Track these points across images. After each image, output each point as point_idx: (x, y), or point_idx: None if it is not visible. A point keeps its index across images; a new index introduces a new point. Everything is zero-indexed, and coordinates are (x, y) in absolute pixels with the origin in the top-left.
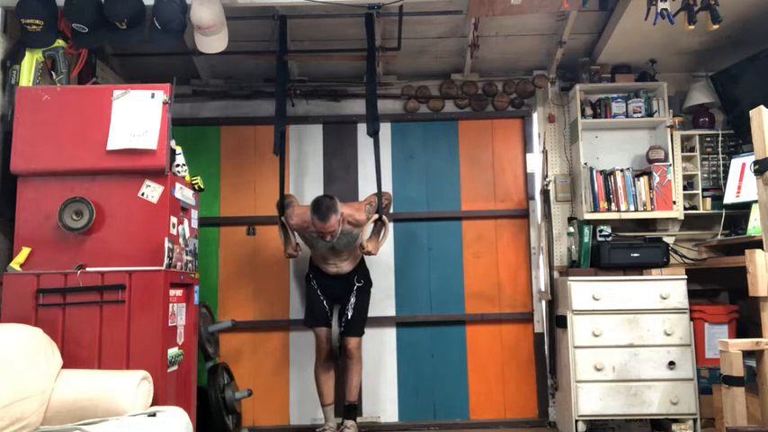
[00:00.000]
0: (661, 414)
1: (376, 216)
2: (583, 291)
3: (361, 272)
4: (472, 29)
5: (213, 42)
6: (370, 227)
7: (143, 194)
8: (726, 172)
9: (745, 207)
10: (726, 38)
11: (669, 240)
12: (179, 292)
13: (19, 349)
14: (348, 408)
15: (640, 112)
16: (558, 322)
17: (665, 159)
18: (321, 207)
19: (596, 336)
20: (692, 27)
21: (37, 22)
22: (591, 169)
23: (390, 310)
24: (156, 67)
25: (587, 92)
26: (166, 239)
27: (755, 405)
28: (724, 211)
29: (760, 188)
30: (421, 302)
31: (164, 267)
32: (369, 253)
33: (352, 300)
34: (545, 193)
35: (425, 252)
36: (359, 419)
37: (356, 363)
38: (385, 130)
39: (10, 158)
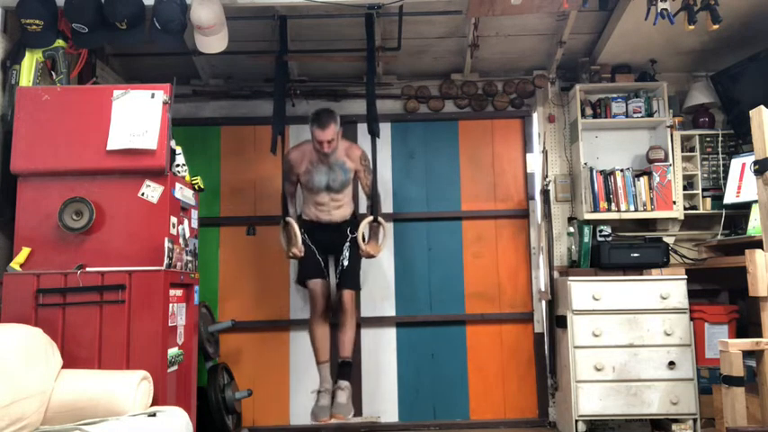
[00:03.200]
0: (661, 414)
1: (371, 218)
2: (583, 291)
3: (354, 223)
4: (472, 29)
5: (213, 42)
6: (366, 230)
7: (143, 194)
8: (726, 172)
9: (745, 207)
10: (726, 38)
11: (669, 240)
12: (179, 292)
13: (19, 349)
14: (342, 365)
15: (640, 112)
16: (558, 322)
17: (665, 159)
18: (321, 115)
19: (596, 336)
20: (692, 27)
21: (37, 22)
22: (591, 169)
23: (390, 310)
24: (156, 67)
25: (587, 92)
26: (166, 239)
27: (755, 405)
28: (724, 211)
29: (760, 188)
30: (421, 302)
31: (164, 267)
32: (369, 255)
33: (346, 252)
34: (545, 193)
35: (425, 252)
36: (359, 419)
37: (350, 317)
38: (385, 130)
39: (10, 158)
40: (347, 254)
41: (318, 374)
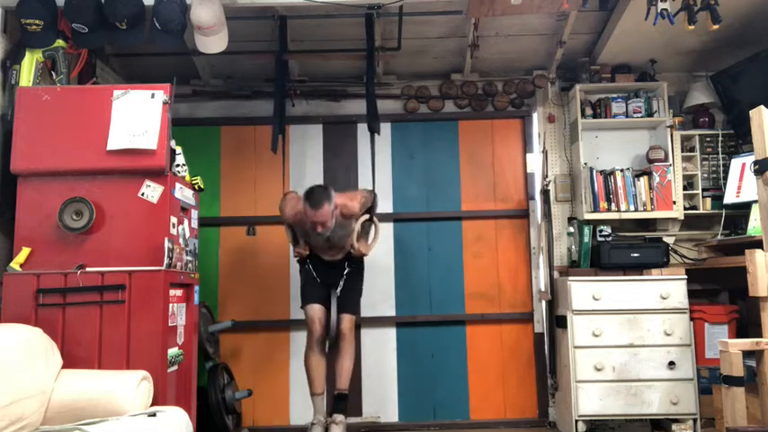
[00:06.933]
0: (661, 414)
1: (366, 217)
2: (583, 291)
3: (353, 258)
4: (472, 29)
5: (213, 42)
6: (358, 230)
7: (143, 194)
8: (726, 172)
9: (745, 207)
10: (726, 38)
11: (669, 240)
12: (179, 292)
13: (19, 349)
14: (338, 398)
15: (640, 112)
16: (558, 322)
17: (665, 159)
18: (314, 195)
19: (596, 336)
20: (692, 27)
21: (37, 22)
22: (591, 169)
23: (390, 311)
24: (156, 67)
25: (587, 92)
26: (166, 239)
27: (755, 405)
28: (724, 211)
29: (760, 188)
30: (421, 302)
31: (164, 267)
32: (360, 254)
33: (342, 283)
34: (545, 193)
35: (425, 252)
36: (359, 419)
37: (348, 345)
38: (385, 130)
39: (10, 158)
40: (342, 284)
41: (312, 406)
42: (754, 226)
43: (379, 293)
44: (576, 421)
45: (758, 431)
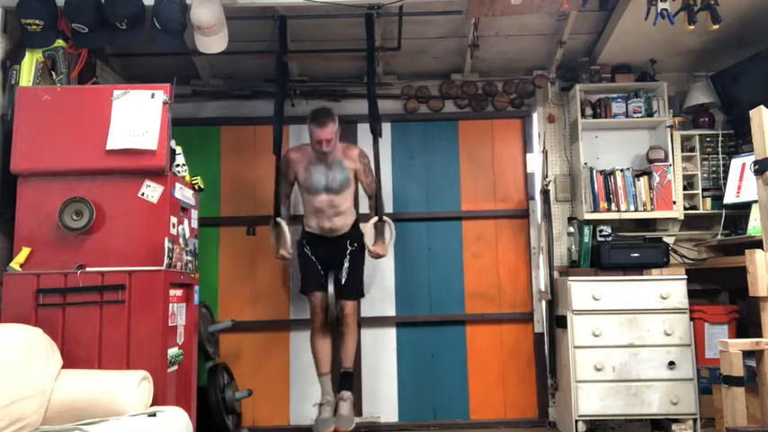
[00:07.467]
0: (661, 414)
1: (376, 218)
2: (583, 291)
3: (354, 235)
4: (472, 29)
5: (213, 42)
6: (372, 232)
7: (143, 194)
8: (726, 172)
9: (745, 207)
10: (726, 38)
11: (669, 240)
12: (179, 292)
13: (19, 349)
14: (344, 375)
15: (640, 112)
16: (558, 322)
17: (665, 159)
18: (319, 113)
19: (596, 336)
20: (692, 27)
21: (37, 22)
22: (591, 169)
23: (390, 310)
24: (156, 67)
25: (587, 92)
26: (166, 239)
27: (755, 405)
28: (724, 211)
29: (760, 188)
30: (421, 302)
31: (164, 267)
32: (378, 256)
33: (346, 264)
34: (545, 193)
35: (425, 252)
36: (358, 419)
37: (351, 327)
38: (385, 130)
39: (10, 158)
40: (347, 265)
41: (320, 387)
42: (754, 226)
43: (379, 293)
44: (576, 421)
45: (758, 431)
